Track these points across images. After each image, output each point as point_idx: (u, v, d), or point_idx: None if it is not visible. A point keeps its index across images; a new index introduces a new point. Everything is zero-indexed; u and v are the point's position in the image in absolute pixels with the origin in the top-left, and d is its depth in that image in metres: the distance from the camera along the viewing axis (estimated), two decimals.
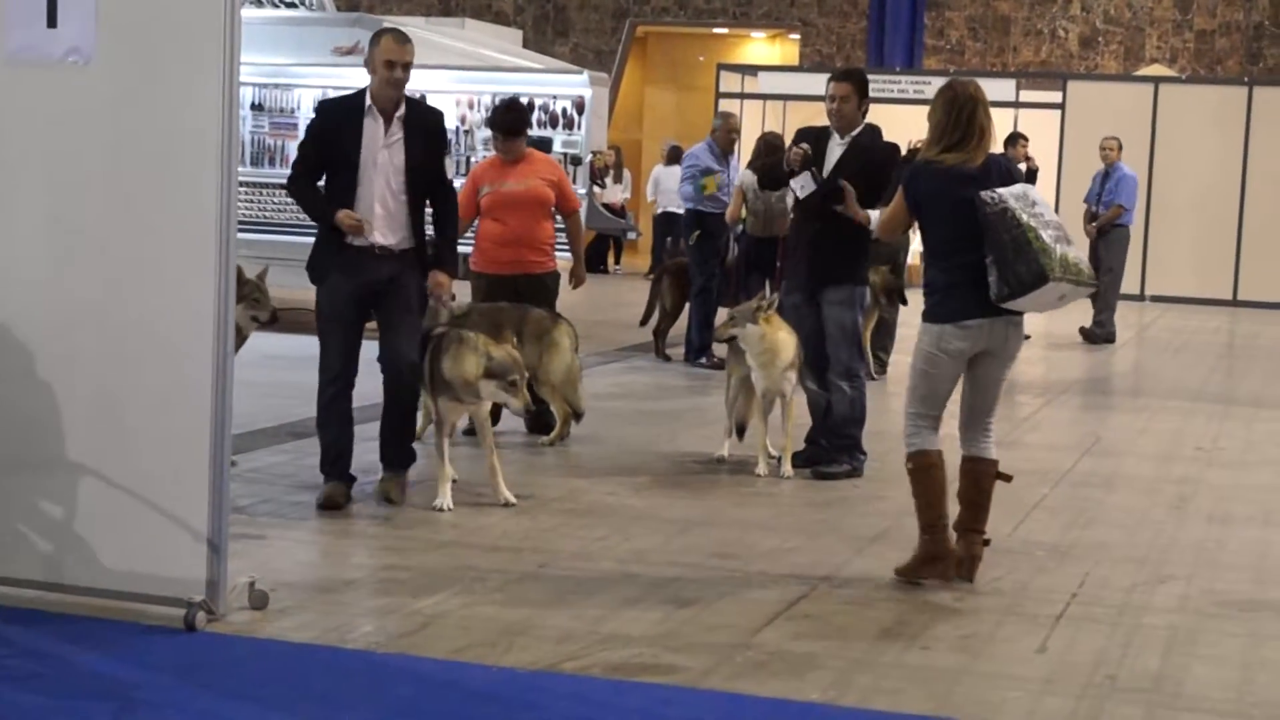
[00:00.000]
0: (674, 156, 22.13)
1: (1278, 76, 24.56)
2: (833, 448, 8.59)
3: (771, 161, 9.56)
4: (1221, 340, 17.82)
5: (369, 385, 7.46)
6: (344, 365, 7.26)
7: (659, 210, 21.77)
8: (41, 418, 5.50)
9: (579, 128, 13.91)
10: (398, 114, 7.18)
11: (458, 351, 7.22)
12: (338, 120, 7.24)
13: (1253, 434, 10.71)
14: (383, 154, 7.15)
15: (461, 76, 14.40)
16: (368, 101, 7.18)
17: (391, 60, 7.10)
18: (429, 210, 7.46)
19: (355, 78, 14.33)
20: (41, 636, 5.26)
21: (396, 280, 7.23)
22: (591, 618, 5.73)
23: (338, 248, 7.18)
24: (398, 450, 7.45)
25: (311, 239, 7.36)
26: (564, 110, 13.89)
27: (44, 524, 5.54)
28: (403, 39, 7.19)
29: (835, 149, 8.47)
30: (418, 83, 7.90)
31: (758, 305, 8.44)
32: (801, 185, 8.36)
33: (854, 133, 8.48)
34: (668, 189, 21.33)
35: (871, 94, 8.65)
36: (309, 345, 7.78)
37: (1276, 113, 21.71)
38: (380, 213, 7.16)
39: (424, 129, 7.28)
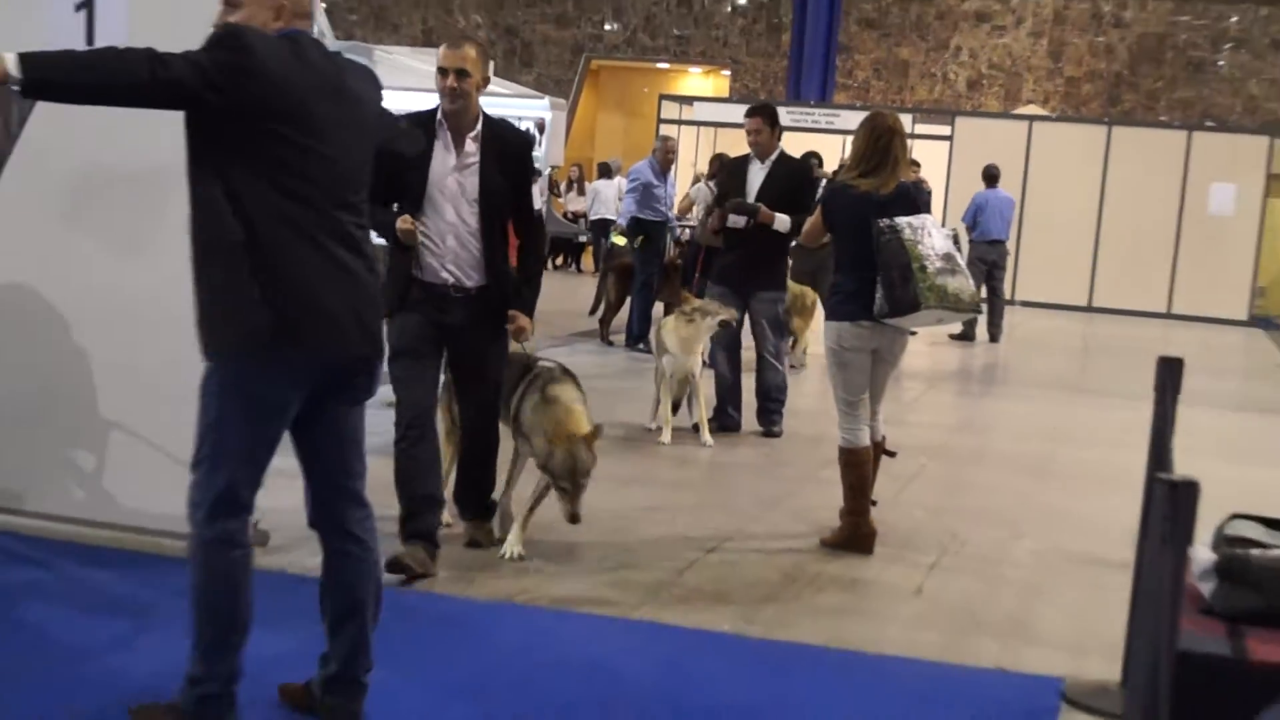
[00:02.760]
0: (604, 172, 22.39)
1: (1133, 118, 24.80)
2: (765, 410, 8.99)
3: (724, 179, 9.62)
4: (1076, 341, 17.99)
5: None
6: (419, 410, 5.49)
7: (595, 217, 21.88)
8: (71, 381, 5.51)
9: (540, 145, 13.92)
10: (471, 133, 5.46)
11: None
12: None
13: (1100, 418, 10.85)
14: (452, 179, 5.43)
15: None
16: (438, 118, 5.49)
17: (442, 68, 5.36)
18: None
19: None
20: (74, 563, 5.29)
21: (471, 331, 5.54)
22: (541, 558, 5.79)
23: (406, 283, 5.50)
24: (477, 498, 6.00)
25: None
26: (527, 129, 13.91)
27: (77, 470, 5.57)
28: (454, 43, 5.43)
29: (758, 173, 8.69)
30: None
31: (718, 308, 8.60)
32: (734, 222, 8.61)
33: (772, 158, 8.68)
34: (604, 199, 21.49)
35: (789, 123, 8.86)
36: None
37: (1131, 149, 21.93)
38: (454, 246, 5.45)
39: (502, 151, 5.48)
